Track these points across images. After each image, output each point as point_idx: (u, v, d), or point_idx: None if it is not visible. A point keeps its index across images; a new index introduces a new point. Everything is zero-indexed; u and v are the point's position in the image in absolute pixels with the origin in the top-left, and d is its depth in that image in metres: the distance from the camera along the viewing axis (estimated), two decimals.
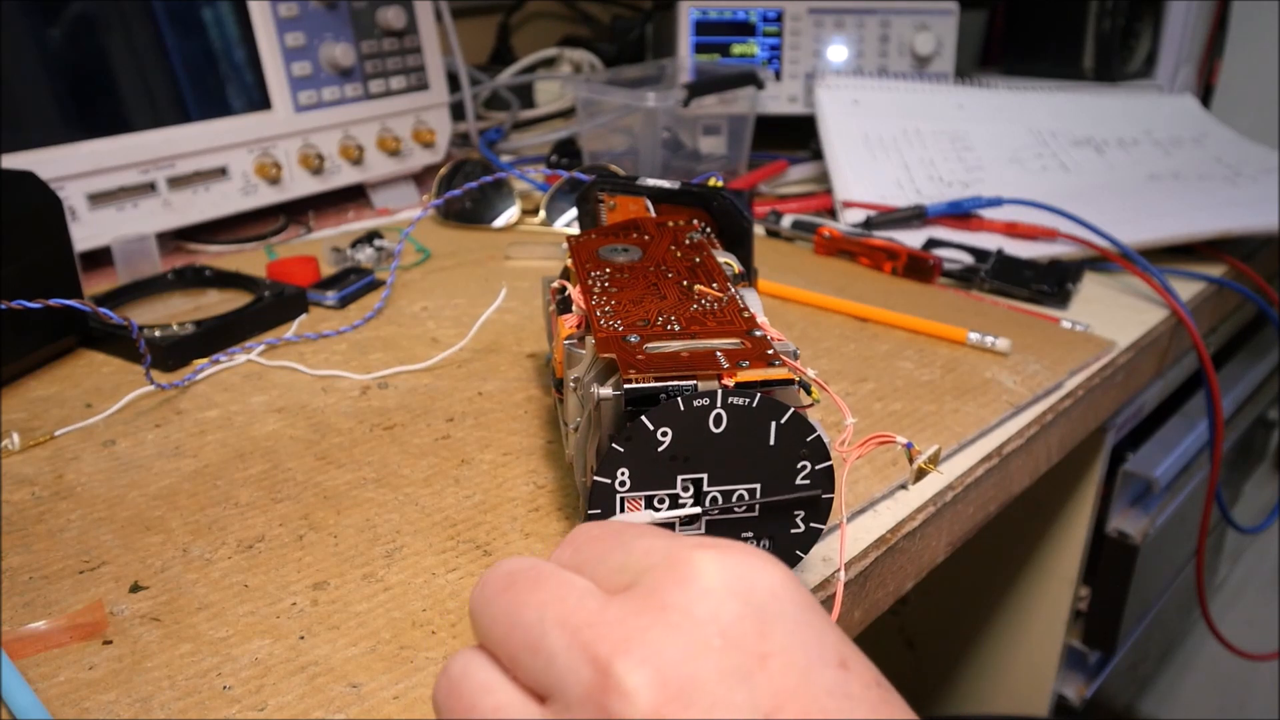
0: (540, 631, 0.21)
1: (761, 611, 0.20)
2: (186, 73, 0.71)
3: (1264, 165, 0.86)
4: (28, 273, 0.52)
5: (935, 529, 0.45)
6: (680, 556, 0.21)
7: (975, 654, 0.87)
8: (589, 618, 0.21)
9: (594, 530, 0.24)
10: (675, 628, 0.20)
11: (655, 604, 0.20)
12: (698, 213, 0.47)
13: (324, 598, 0.36)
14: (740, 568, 0.21)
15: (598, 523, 0.25)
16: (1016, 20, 1.11)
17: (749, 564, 0.21)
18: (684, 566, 0.21)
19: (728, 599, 0.20)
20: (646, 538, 0.23)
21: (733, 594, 0.21)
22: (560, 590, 0.22)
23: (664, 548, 0.22)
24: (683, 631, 0.20)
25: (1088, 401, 0.57)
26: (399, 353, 0.56)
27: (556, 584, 0.22)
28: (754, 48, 0.97)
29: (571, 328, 0.38)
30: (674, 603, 0.20)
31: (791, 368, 0.32)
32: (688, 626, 0.20)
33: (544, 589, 0.22)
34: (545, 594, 0.22)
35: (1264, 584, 1.26)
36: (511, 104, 1.08)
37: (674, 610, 0.20)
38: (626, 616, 0.20)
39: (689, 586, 0.21)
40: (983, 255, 0.69)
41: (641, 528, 0.23)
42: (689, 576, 0.21)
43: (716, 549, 0.21)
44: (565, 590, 0.22)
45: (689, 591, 0.21)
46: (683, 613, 0.20)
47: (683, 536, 0.22)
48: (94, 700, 0.31)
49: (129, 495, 0.42)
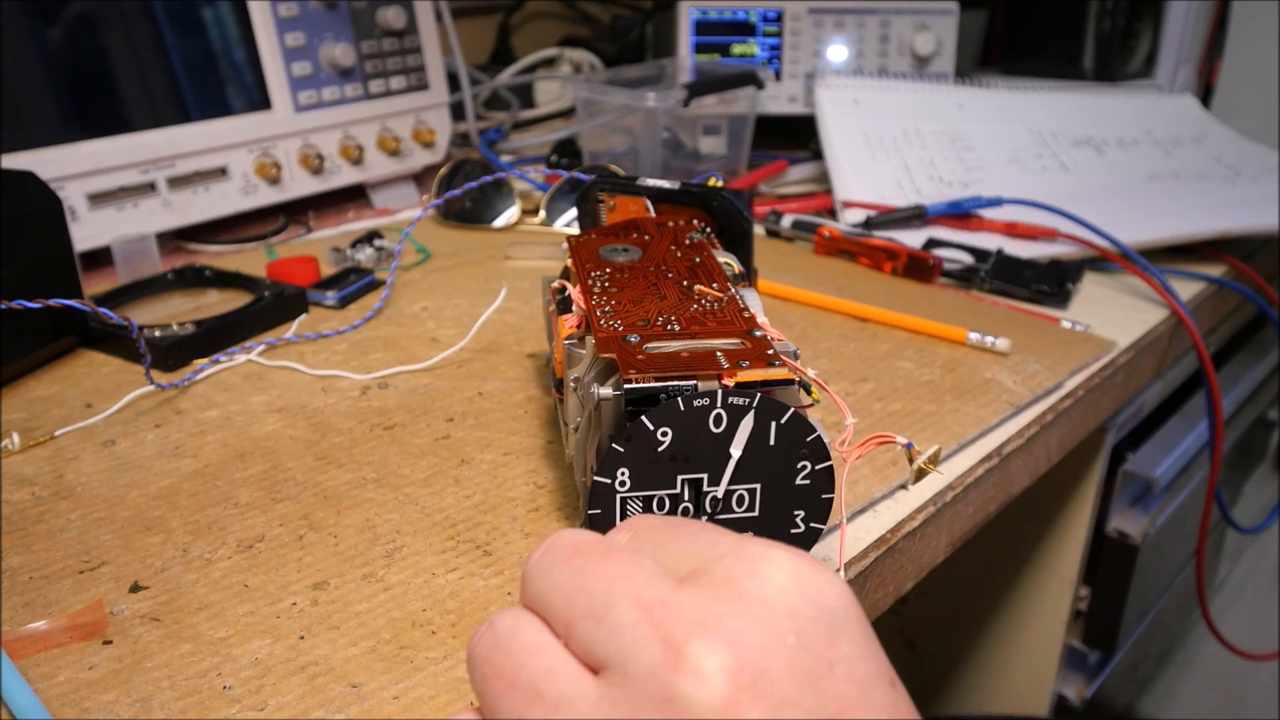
0: (608, 601, 0.21)
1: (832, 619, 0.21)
2: (186, 73, 0.71)
3: (1264, 165, 0.86)
4: (28, 273, 0.52)
5: (935, 529, 0.45)
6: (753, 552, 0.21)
7: (975, 654, 0.87)
8: (662, 596, 0.21)
9: (653, 520, 0.24)
10: (754, 617, 0.20)
11: (732, 592, 0.20)
12: (698, 213, 0.47)
13: (324, 598, 0.36)
14: (812, 573, 0.21)
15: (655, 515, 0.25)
16: (1016, 20, 1.11)
17: (820, 571, 0.21)
18: (758, 561, 0.21)
19: (803, 600, 0.21)
20: (710, 532, 0.23)
21: (807, 597, 0.21)
22: (630, 567, 0.22)
23: (732, 541, 0.22)
24: (761, 622, 0.20)
25: (1088, 401, 0.57)
26: (399, 353, 0.56)
27: (627, 560, 0.22)
28: (754, 48, 0.97)
29: (571, 328, 0.38)
30: (751, 593, 0.20)
31: (791, 368, 0.32)
32: (765, 617, 0.20)
33: (614, 563, 0.22)
34: (615, 568, 0.22)
35: (1264, 584, 1.26)
36: (511, 104, 1.08)
37: (752, 600, 0.20)
38: (702, 601, 0.20)
39: (766, 581, 0.21)
40: (983, 255, 0.69)
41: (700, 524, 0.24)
42: (764, 573, 0.21)
43: (788, 551, 0.22)
44: (635, 568, 0.21)
45: (766, 586, 0.21)
46: (760, 604, 0.20)
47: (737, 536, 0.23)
48: (94, 700, 0.31)
49: (129, 495, 0.42)
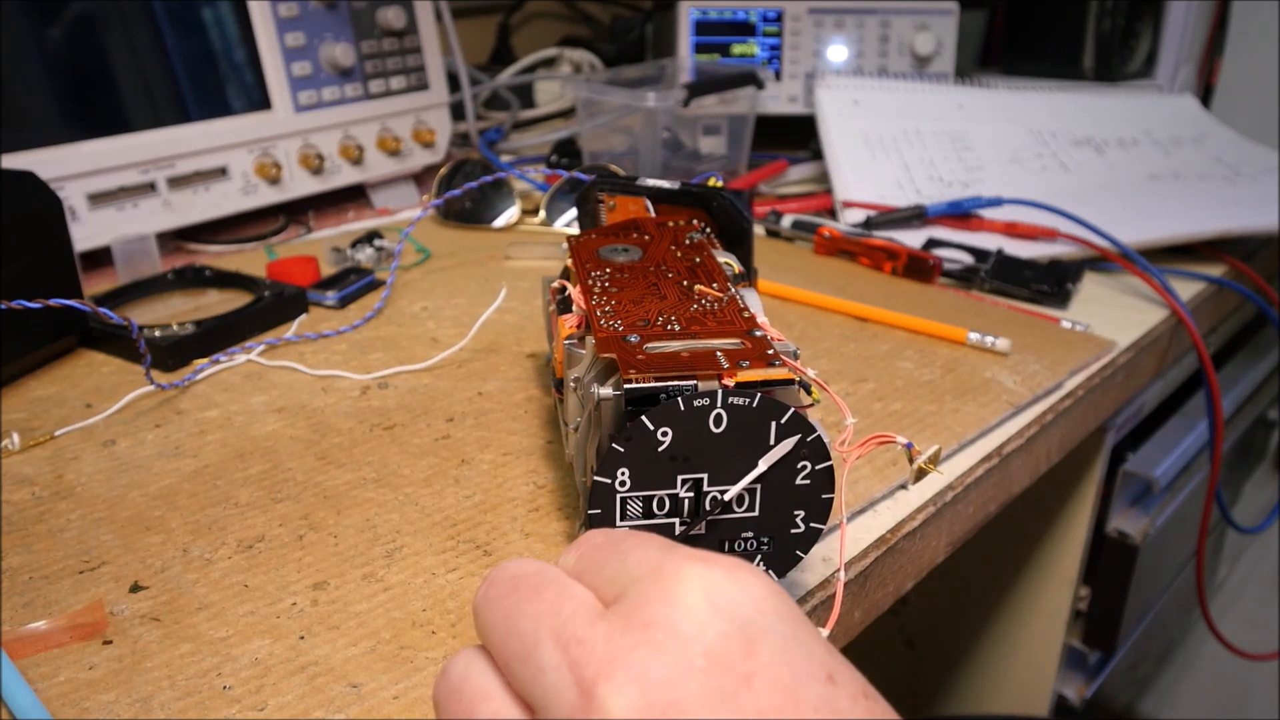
0: (534, 642, 0.21)
1: (746, 629, 0.20)
2: (186, 73, 0.71)
3: (1264, 165, 0.86)
4: (28, 273, 0.52)
5: (935, 529, 0.45)
6: (667, 570, 0.21)
7: (975, 654, 0.87)
8: (579, 633, 0.21)
9: (598, 538, 0.24)
10: (660, 647, 0.20)
11: (640, 621, 0.20)
12: (698, 213, 0.47)
13: (324, 598, 0.36)
14: (725, 583, 0.21)
15: (605, 530, 0.24)
16: (1016, 20, 1.11)
17: (734, 579, 0.21)
18: (670, 581, 0.21)
19: (712, 617, 0.20)
20: (642, 548, 0.23)
21: (717, 612, 0.20)
22: (558, 601, 0.22)
23: (655, 560, 0.22)
24: (667, 651, 0.20)
25: (1088, 401, 0.57)
26: (399, 353, 0.56)
27: (556, 593, 0.22)
28: (754, 48, 0.97)
29: (571, 328, 0.38)
30: (659, 620, 0.20)
31: (791, 368, 0.32)
32: (672, 646, 0.20)
33: (543, 598, 0.22)
34: (543, 603, 0.22)
35: (1264, 584, 1.26)
36: (511, 104, 1.08)
37: (659, 628, 0.20)
38: (614, 634, 0.20)
39: (673, 603, 0.20)
40: (983, 255, 0.69)
41: (643, 537, 0.23)
42: (674, 593, 0.21)
43: (703, 562, 0.21)
44: (562, 601, 0.22)
45: (673, 609, 0.20)
46: (667, 631, 0.20)
47: (677, 548, 0.22)
48: (94, 700, 0.31)
49: (129, 495, 0.42)
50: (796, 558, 0.34)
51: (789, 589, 0.38)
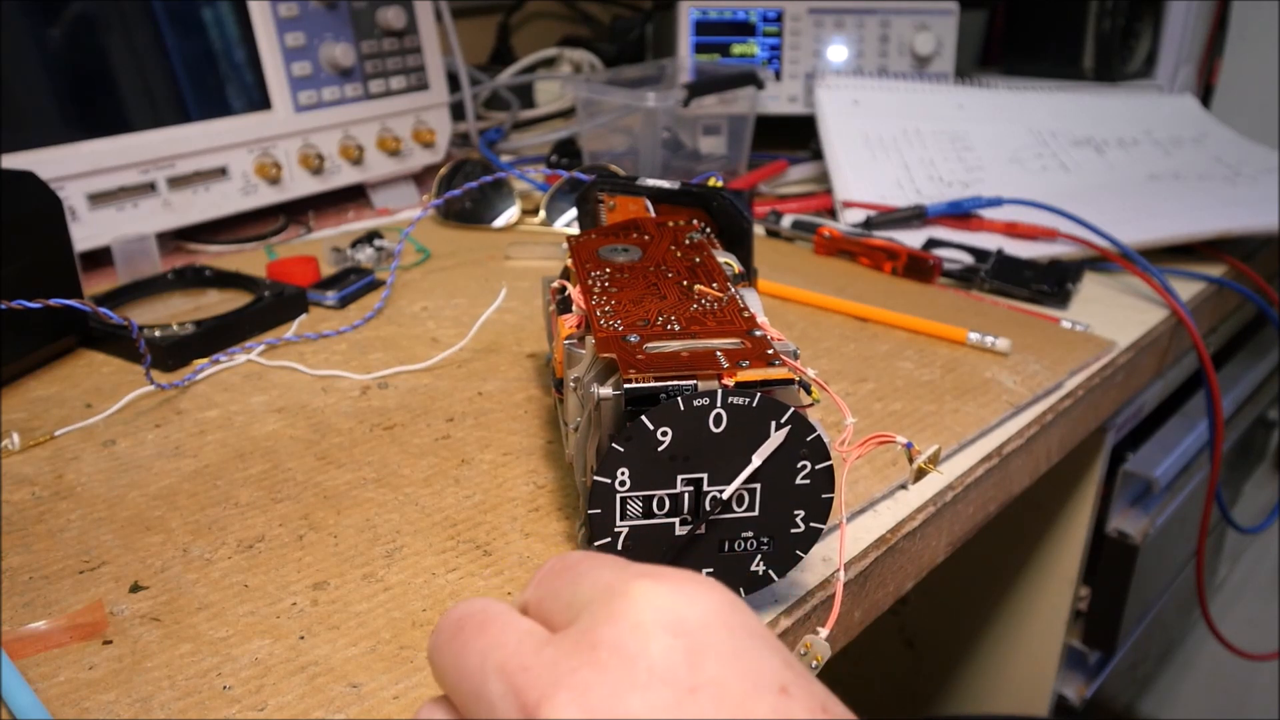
0: (481, 679, 0.21)
1: (692, 642, 0.20)
2: (186, 73, 0.71)
3: (1264, 165, 0.86)
4: (28, 273, 0.52)
5: (935, 529, 0.45)
6: (617, 589, 0.21)
7: (975, 654, 0.87)
8: (524, 661, 0.21)
9: (555, 564, 0.24)
10: (603, 666, 0.20)
11: (587, 643, 0.20)
12: (698, 213, 0.47)
13: (324, 598, 0.36)
14: (672, 596, 0.21)
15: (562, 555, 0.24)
16: (1016, 20, 1.11)
17: (682, 592, 0.21)
18: (619, 600, 0.21)
19: (657, 632, 0.20)
20: (596, 569, 0.22)
21: (662, 626, 0.20)
22: (502, 635, 0.22)
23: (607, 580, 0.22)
24: (610, 670, 0.20)
25: (1088, 401, 0.57)
26: (399, 353, 0.56)
27: (500, 628, 0.22)
28: (754, 48, 0.97)
29: (571, 328, 0.38)
30: (604, 640, 0.20)
31: (791, 367, 0.32)
32: (615, 664, 0.20)
33: (487, 634, 0.22)
34: (488, 639, 0.22)
35: (1264, 584, 1.26)
36: (511, 104, 1.08)
37: (603, 648, 0.20)
38: (559, 658, 0.20)
39: (619, 622, 0.20)
40: (983, 255, 0.69)
41: (599, 559, 0.23)
42: (620, 611, 0.21)
43: (653, 578, 0.21)
44: (506, 635, 0.22)
45: (619, 627, 0.20)
46: (611, 649, 0.20)
47: (629, 566, 0.22)
48: (94, 700, 0.31)
49: (129, 495, 0.42)
50: (796, 558, 0.34)
51: (789, 589, 0.38)
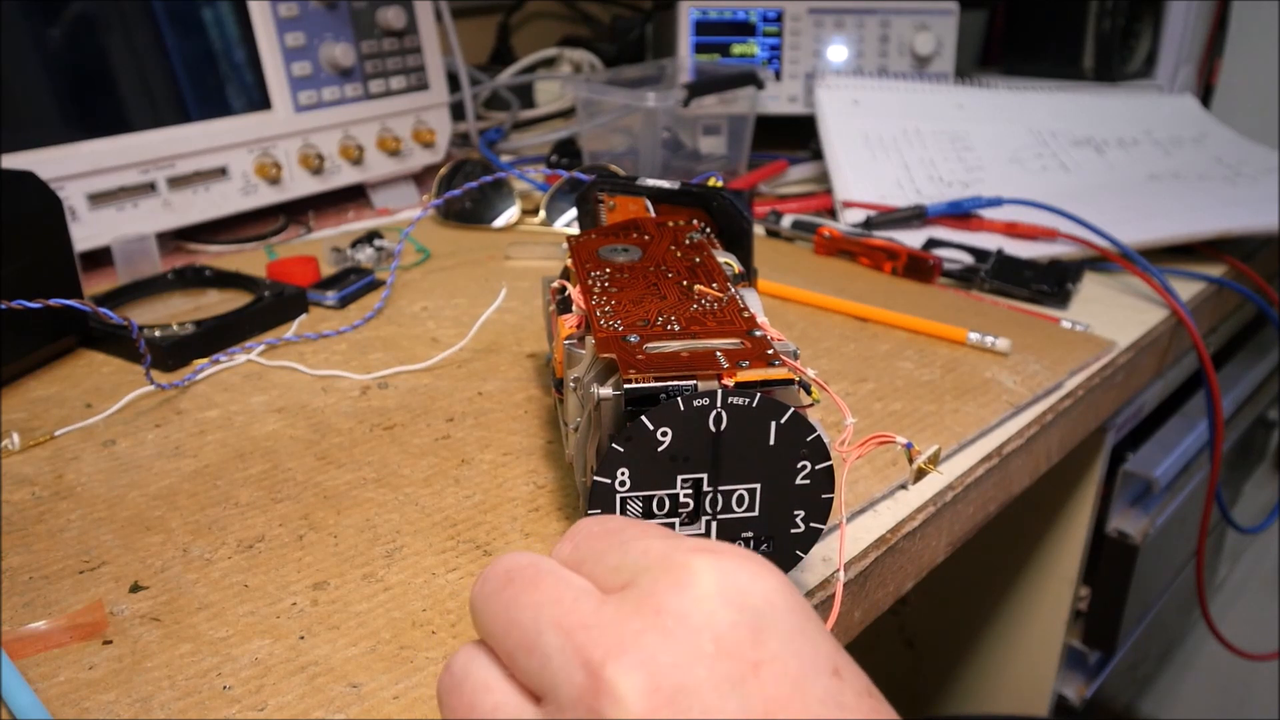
0: (536, 632, 0.21)
1: (756, 619, 0.20)
2: (186, 73, 0.71)
3: (1264, 165, 0.86)
4: (28, 273, 0.52)
5: (935, 529, 0.45)
6: (677, 560, 0.21)
7: (975, 654, 0.87)
8: (584, 619, 0.21)
9: (594, 527, 0.24)
10: (669, 633, 0.20)
11: (650, 608, 0.20)
12: (698, 213, 0.47)
13: (324, 598, 0.36)
14: (736, 573, 0.21)
15: (599, 518, 0.24)
16: (1016, 20, 1.11)
17: (745, 570, 0.21)
18: (680, 571, 0.21)
19: (722, 606, 0.20)
20: (645, 538, 0.23)
21: (728, 601, 0.20)
22: (556, 590, 0.22)
23: (661, 549, 0.22)
24: (676, 637, 0.20)
25: (1088, 401, 0.57)
26: (399, 353, 0.56)
27: (553, 583, 0.22)
28: (754, 48, 0.97)
29: (571, 328, 0.38)
30: (669, 607, 0.20)
31: (791, 368, 0.32)
32: (682, 632, 0.20)
33: (541, 588, 0.22)
34: (541, 594, 0.22)
35: (1264, 584, 1.26)
36: (511, 104, 1.08)
37: (669, 615, 0.20)
38: (621, 619, 0.20)
39: (685, 592, 0.21)
40: (983, 255, 0.69)
41: (642, 526, 0.23)
42: (685, 581, 0.21)
43: (713, 553, 0.21)
44: (561, 590, 0.22)
45: (684, 597, 0.20)
46: (677, 618, 0.20)
47: (682, 538, 0.22)
48: (94, 700, 0.31)
49: (129, 495, 0.42)
50: (796, 558, 0.34)
51: None
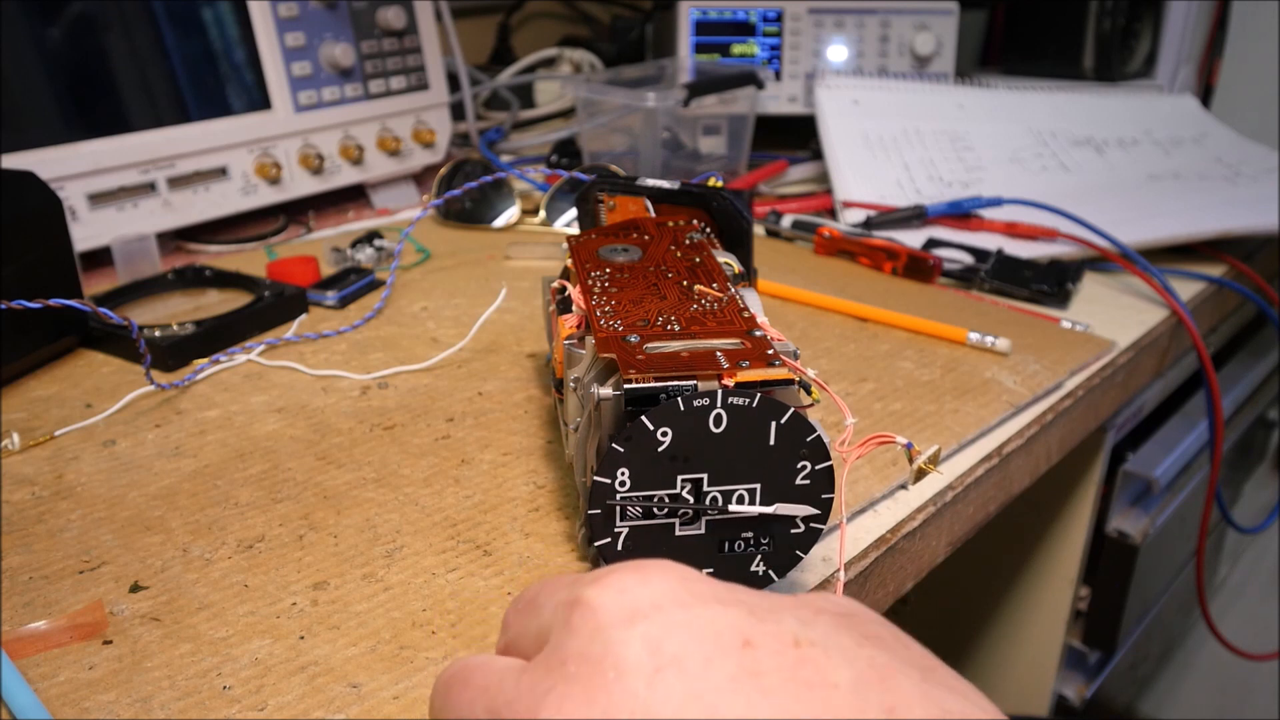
0: None
1: (649, 628, 0.20)
2: (186, 73, 0.71)
3: (1264, 165, 0.86)
4: (28, 273, 0.52)
5: (935, 529, 0.45)
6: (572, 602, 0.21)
7: (975, 654, 0.87)
8: (506, 696, 0.21)
9: (518, 603, 0.24)
10: (573, 679, 0.20)
11: (557, 660, 0.21)
12: (698, 213, 0.47)
13: (324, 598, 0.36)
14: (620, 591, 0.21)
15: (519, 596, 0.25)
16: (1016, 20, 1.11)
17: (628, 582, 0.21)
18: (575, 612, 0.21)
19: (614, 629, 0.20)
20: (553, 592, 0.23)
21: (617, 622, 0.20)
22: (484, 679, 0.22)
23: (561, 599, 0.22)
24: (580, 680, 0.20)
25: (1088, 401, 0.57)
26: (399, 353, 0.56)
27: (482, 675, 0.22)
28: (754, 48, 0.97)
29: (571, 328, 0.38)
30: (570, 652, 0.21)
31: (791, 368, 0.32)
32: (583, 673, 0.20)
33: (471, 684, 0.22)
34: (472, 689, 0.22)
35: (1264, 584, 1.26)
36: (511, 104, 1.08)
37: (571, 661, 0.20)
38: (534, 682, 0.21)
39: (580, 632, 0.21)
40: (983, 255, 0.69)
41: (553, 583, 0.24)
42: (579, 621, 0.21)
43: (598, 583, 0.21)
44: (487, 678, 0.22)
45: (580, 636, 0.21)
46: (578, 660, 0.20)
47: (580, 578, 0.22)
48: (94, 700, 0.31)
49: (129, 495, 0.42)
50: (796, 558, 0.34)
51: (789, 589, 0.38)
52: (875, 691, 0.19)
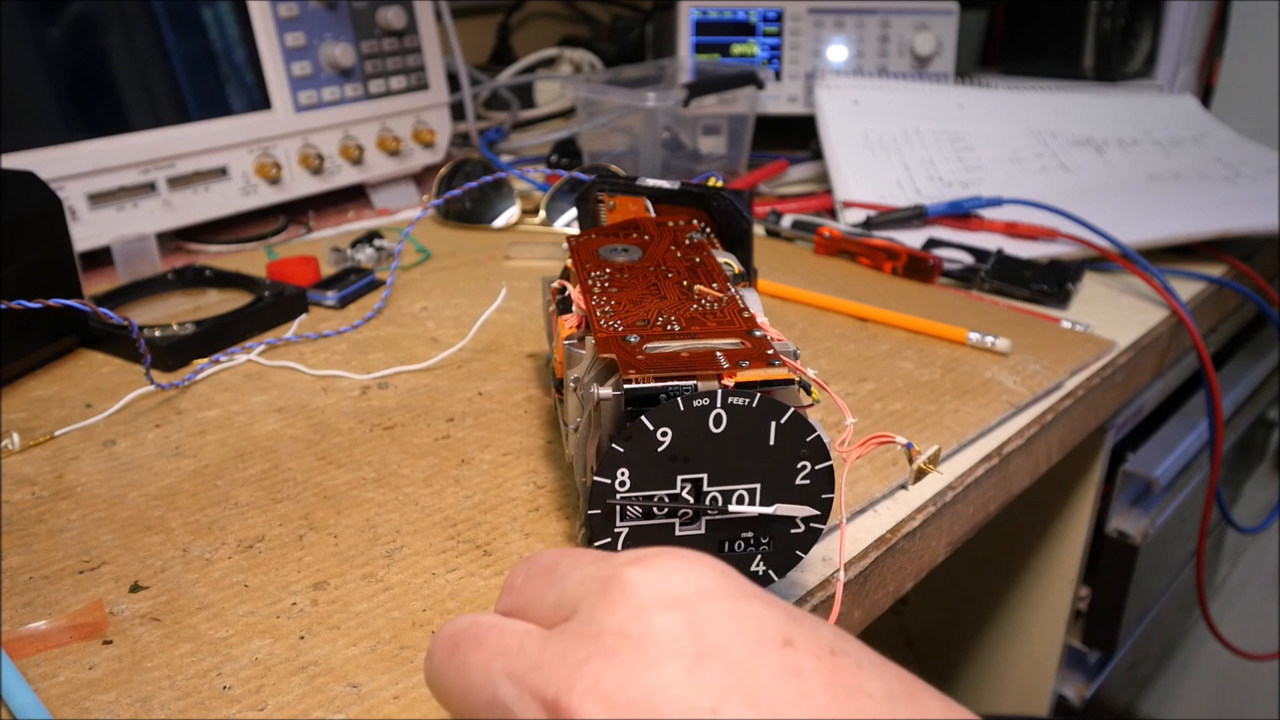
0: (491, 687, 0.21)
1: (690, 613, 0.21)
2: (186, 73, 0.71)
3: (1264, 165, 0.86)
4: (28, 273, 0.52)
5: (935, 529, 0.45)
6: (610, 578, 0.22)
7: (975, 654, 0.87)
8: (531, 662, 0.21)
9: (531, 569, 0.24)
10: (612, 652, 0.20)
11: (590, 632, 0.21)
12: (698, 213, 0.47)
13: (324, 598, 0.36)
14: (666, 574, 0.21)
15: (529, 560, 0.25)
16: (1016, 20, 1.11)
17: (673, 568, 0.21)
18: (614, 589, 0.21)
19: (656, 610, 0.21)
20: (580, 566, 0.23)
21: (660, 603, 0.21)
22: (501, 642, 0.22)
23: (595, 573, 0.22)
24: (619, 654, 0.20)
25: (1088, 401, 0.57)
26: (399, 353, 0.56)
27: (497, 636, 0.22)
28: (754, 48, 0.97)
29: (571, 328, 0.38)
30: (608, 627, 0.21)
31: (791, 368, 0.32)
32: (622, 648, 0.20)
33: (486, 644, 0.22)
34: (488, 649, 0.22)
35: (1264, 584, 1.26)
36: (511, 104, 1.08)
37: (608, 635, 0.21)
38: (566, 652, 0.21)
39: (619, 608, 0.21)
40: (983, 255, 0.69)
41: (575, 555, 0.24)
42: (618, 598, 0.21)
43: (640, 563, 0.22)
44: (506, 640, 0.22)
45: (620, 612, 0.21)
46: (616, 635, 0.20)
47: (613, 556, 0.23)
48: (94, 700, 0.31)
49: (129, 495, 0.42)
50: (796, 558, 0.34)
51: (789, 589, 0.38)
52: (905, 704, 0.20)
